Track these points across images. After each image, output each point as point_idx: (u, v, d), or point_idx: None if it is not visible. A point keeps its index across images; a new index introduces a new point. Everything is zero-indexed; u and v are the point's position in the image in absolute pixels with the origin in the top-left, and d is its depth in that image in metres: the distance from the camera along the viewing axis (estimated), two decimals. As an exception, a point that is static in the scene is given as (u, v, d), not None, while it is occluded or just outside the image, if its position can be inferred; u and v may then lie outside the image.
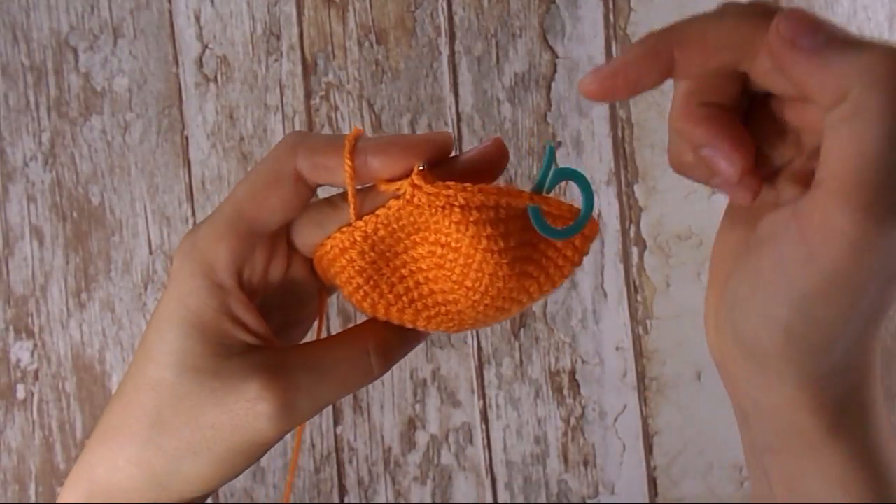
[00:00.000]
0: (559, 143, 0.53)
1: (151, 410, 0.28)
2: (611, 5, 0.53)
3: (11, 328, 0.53)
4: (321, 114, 0.53)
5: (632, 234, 0.53)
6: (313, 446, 0.53)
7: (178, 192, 0.53)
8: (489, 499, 0.53)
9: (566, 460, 0.54)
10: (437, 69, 0.53)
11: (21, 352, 0.53)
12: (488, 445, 0.53)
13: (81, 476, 0.30)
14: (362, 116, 0.53)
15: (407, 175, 0.26)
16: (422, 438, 0.53)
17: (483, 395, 0.53)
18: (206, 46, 0.53)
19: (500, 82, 0.53)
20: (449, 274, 0.28)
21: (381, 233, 0.27)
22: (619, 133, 0.53)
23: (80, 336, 0.53)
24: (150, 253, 0.53)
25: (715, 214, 0.53)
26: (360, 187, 0.27)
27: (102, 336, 0.53)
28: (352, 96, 0.53)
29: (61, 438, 0.53)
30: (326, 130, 0.53)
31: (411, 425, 0.53)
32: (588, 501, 0.54)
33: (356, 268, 0.28)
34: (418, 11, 0.53)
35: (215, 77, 0.53)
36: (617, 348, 0.53)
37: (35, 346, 0.53)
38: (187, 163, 0.53)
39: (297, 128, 0.53)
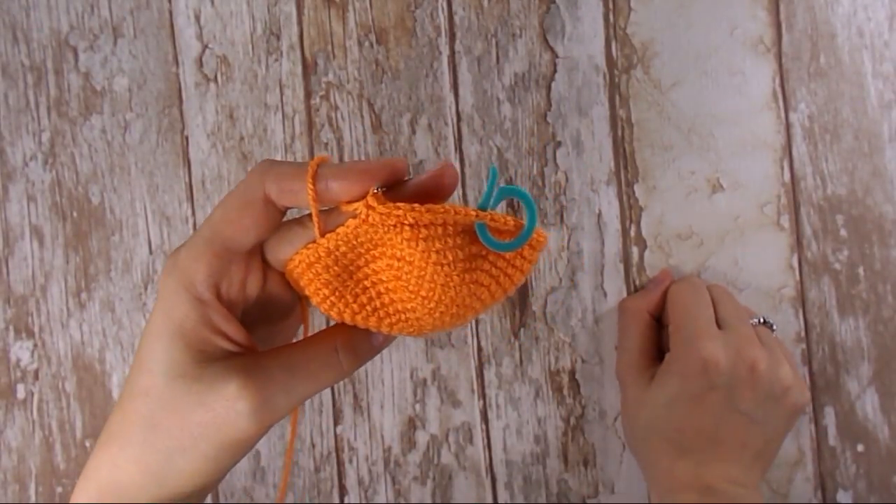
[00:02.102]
0: (559, 144, 0.53)
1: (146, 414, 0.31)
2: (611, 5, 0.53)
3: (11, 328, 0.53)
4: (321, 113, 0.53)
5: (632, 233, 0.53)
6: (313, 446, 0.53)
7: (178, 192, 0.53)
8: (489, 498, 0.53)
9: (566, 460, 0.54)
10: (437, 69, 0.53)
11: (21, 352, 0.53)
12: (488, 445, 0.53)
13: (89, 478, 0.33)
14: (362, 116, 0.53)
15: (364, 197, 0.29)
16: (422, 438, 0.53)
17: (483, 395, 0.53)
18: (206, 46, 0.53)
19: (500, 82, 0.53)
20: (406, 285, 0.30)
21: (343, 248, 0.30)
22: (619, 133, 0.53)
23: (80, 336, 0.53)
24: (150, 253, 0.53)
25: (715, 214, 0.54)
26: (325, 209, 0.30)
27: (102, 336, 0.53)
28: (352, 96, 0.53)
29: (61, 438, 0.53)
30: (326, 130, 0.53)
31: (411, 425, 0.53)
32: (588, 501, 0.54)
33: (322, 280, 0.31)
34: (418, 11, 0.53)
35: (215, 77, 0.53)
36: (617, 347, 0.53)
37: (35, 345, 0.53)
38: (187, 163, 0.53)
39: (298, 128, 0.53)
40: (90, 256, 0.53)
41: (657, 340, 0.52)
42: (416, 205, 0.28)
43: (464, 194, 0.53)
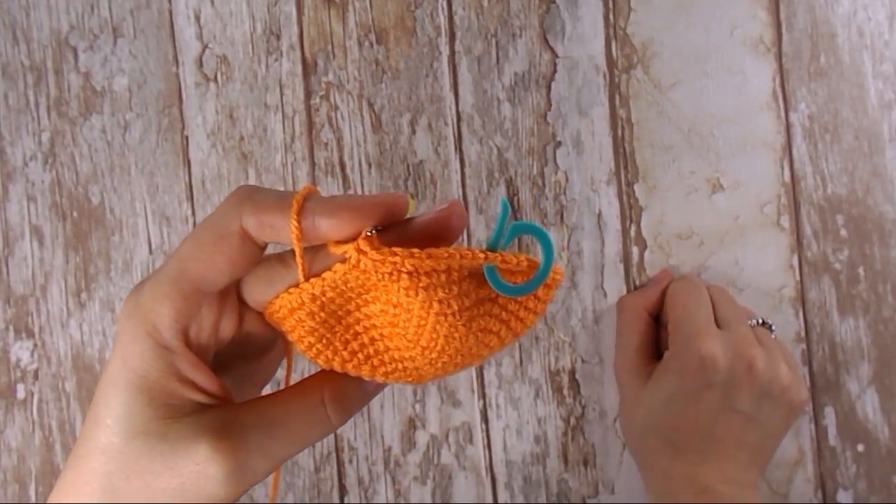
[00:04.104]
0: (559, 144, 0.53)
1: (102, 476, 0.27)
2: (611, 5, 0.53)
3: (11, 328, 0.53)
4: (321, 113, 0.53)
5: (632, 233, 0.53)
6: (313, 446, 0.53)
7: (178, 192, 0.53)
8: (489, 499, 0.53)
9: (566, 460, 0.54)
10: (437, 69, 0.53)
11: (21, 352, 0.53)
12: (488, 445, 0.53)
13: None
14: (362, 116, 0.53)
15: (356, 237, 0.25)
16: (422, 438, 0.53)
17: (483, 395, 0.53)
18: (206, 46, 0.53)
19: (500, 82, 0.53)
20: (403, 332, 0.27)
21: (330, 294, 0.27)
22: (619, 133, 0.53)
23: (80, 336, 0.53)
24: (150, 253, 0.53)
25: (715, 214, 0.54)
26: (311, 245, 0.27)
27: (102, 336, 0.53)
28: (352, 96, 0.53)
29: (61, 438, 0.53)
30: (326, 130, 0.53)
31: (411, 425, 0.53)
32: (588, 501, 0.54)
33: (306, 328, 0.28)
34: (418, 11, 0.53)
35: (215, 77, 0.53)
36: (615, 345, 0.53)
37: (35, 346, 0.53)
38: (187, 163, 0.53)
39: (298, 128, 0.53)
40: (90, 256, 0.53)
41: (655, 339, 0.52)
42: (414, 250, 0.24)
43: (464, 195, 0.53)
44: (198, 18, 0.53)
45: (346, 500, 0.53)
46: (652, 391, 0.48)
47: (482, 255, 0.25)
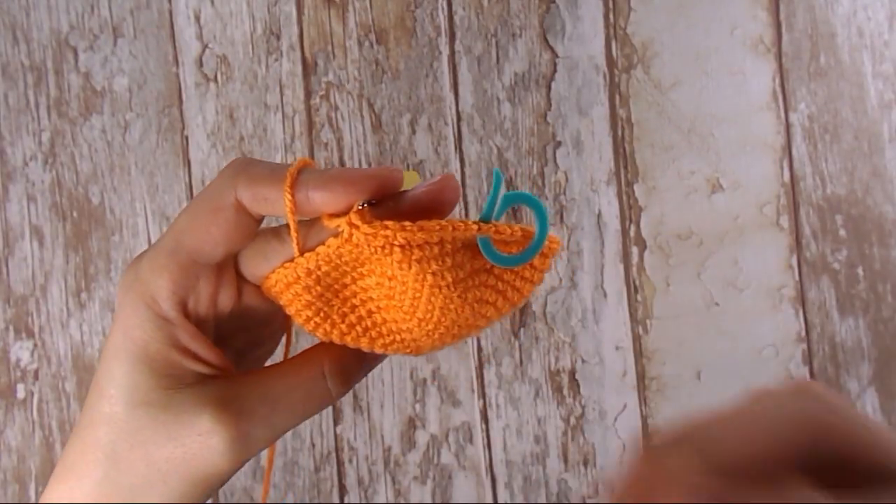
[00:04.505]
0: (559, 144, 0.53)
1: (106, 446, 0.28)
2: (611, 5, 0.53)
3: (11, 328, 0.53)
4: (321, 113, 0.53)
5: (632, 233, 0.53)
6: (313, 446, 0.53)
7: (178, 192, 0.53)
8: (489, 498, 0.53)
9: (566, 460, 0.54)
10: (437, 69, 0.53)
11: (21, 352, 0.53)
12: (488, 445, 0.53)
13: None
14: (362, 116, 0.53)
15: (349, 211, 0.25)
16: (422, 438, 0.53)
17: (483, 395, 0.53)
18: (206, 46, 0.53)
19: (500, 82, 0.53)
20: (399, 305, 0.27)
21: (325, 268, 0.27)
22: (619, 133, 0.53)
23: (80, 336, 0.53)
24: (150, 253, 0.53)
25: (715, 214, 0.54)
26: (306, 219, 0.27)
27: (102, 336, 0.53)
28: (352, 96, 0.53)
29: (61, 438, 0.53)
30: (326, 130, 0.53)
31: (411, 425, 0.53)
32: (588, 501, 0.54)
33: (303, 302, 0.28)
34: (418, 11, 0.53)
35: (215, 77, 0.53)
36: (617, 348, 0.53)
37: (35, 345, 0.53)
38: (187, 163, 0.53)
39: (298, 128, 0.53)
40: (90, 256, 0.53)
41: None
42: (406, 223, 0.24)
43: (464, 194, 0.53)
44: (198, 18, 0.53)
45: (346, 500, 0.53)
46: None
47: (475, 227, 0.25)
